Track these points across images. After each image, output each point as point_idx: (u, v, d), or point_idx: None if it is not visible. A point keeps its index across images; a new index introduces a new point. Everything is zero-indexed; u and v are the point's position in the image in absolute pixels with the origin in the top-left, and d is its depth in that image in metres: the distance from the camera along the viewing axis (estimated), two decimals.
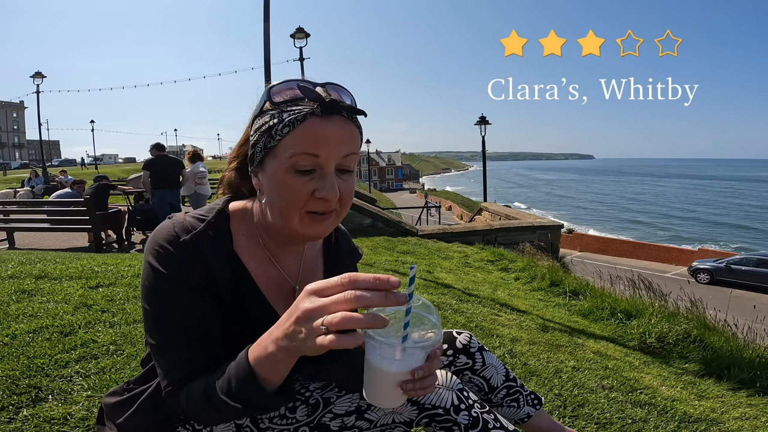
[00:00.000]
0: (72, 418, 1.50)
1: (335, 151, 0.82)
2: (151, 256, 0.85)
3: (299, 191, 0.82)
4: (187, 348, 0.85)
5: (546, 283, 5.39)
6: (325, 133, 0.81)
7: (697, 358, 3.21)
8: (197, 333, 0.86)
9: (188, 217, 0.90)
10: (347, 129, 0.83)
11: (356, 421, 0.95)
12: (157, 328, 0.86)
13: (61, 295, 2.72)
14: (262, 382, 0.74)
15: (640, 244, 30.78)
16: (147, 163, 6.92)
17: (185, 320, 0.85)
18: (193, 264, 0.85)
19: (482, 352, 1.28)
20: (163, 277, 0.84)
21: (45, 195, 14.34)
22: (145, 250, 0.88)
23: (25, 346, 1.95)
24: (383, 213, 9.26)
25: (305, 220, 0.84)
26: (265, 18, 7.79)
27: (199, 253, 0.86)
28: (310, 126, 0.80)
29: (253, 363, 0.74)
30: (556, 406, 2.05)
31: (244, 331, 0.89)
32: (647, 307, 4.24)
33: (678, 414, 2.15)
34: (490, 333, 2.94)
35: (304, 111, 0.81)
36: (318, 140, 0.80)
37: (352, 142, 0.84)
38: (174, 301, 0.85)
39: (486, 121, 17.09)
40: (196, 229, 0.87)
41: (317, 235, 0.87)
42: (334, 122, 0.81)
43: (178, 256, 0.84)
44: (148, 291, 0.85)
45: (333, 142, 0.81)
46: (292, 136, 0.81)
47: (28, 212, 8.57)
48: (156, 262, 0.84)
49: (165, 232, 0.87)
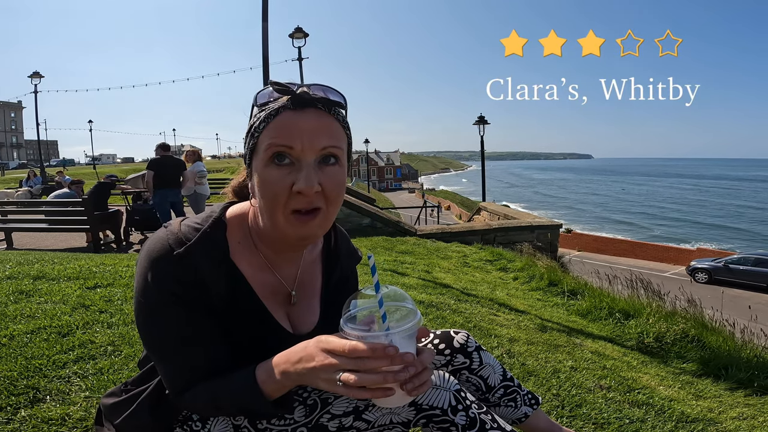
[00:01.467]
0: (70, 418, 1.49)
1: (310, 142, 0.82)
2: (143, 270, 0.86)
3: (277, 185, 0.82)
4: (186, 357, 0.87)
5: (544, 282, 5.39)
6: (298, 124, 0.82)
7: (694, 358, 3.22)
8: (195, 342, 0.87)
9: (183, 226, 0.90)
10: (323, 121, 0.84)
11: (354, 421, 0.95)
12: (153, 341, 0.88)
13: (59, 296, 2.71)
14: (267, 397, 0.82)
15: (638, 244, 30.84)
16: (152, 162, 6.92)
17: (181, 331, 0.86)
18: (185, 278, 0.85)
19: (479, 352, 1.28)
20: (156, 293, 0.85)
21: (43, 195, 14.31)
22: (138, 262, 0.88)
23: (23, 347, 1.95)
24: (382, 213, 9.27)
25: (290, 219, 0.84)
26: (264, 18, 7.78)
27: (191, 267, 0.85)
28: (283, 119, 0.83)
29: (260, 383, 0.82)
30: (553, 406, 2.05)
31: (242, 337, 0.90)
32: (645, 306, 4.25)
33: (675, 414, 2.16)
34: (488, 333, 2.95)
35: (277, 106, 0.84)
36: (291, 131, 0.82)
37: (330, 134, 0.84)
38: (168, 315, 0.85)
39: (485, 121, 17.10)
40: (190, 240, 0.87)
41: (304, 235, 0.86)
42: (307, 114, 0.83)
43: (170, 272, 0.85)
44: (141, 306, 0.86)
45: (307, 133, 0.82)
46: (267, 130, 0.83)
47: (26, 212, 8.56)
48: (148, 277, 0.85)
49: (159, 245, 0.86)
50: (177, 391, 0.88)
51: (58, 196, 8.26)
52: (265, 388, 0.81)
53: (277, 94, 0.85)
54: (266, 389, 0.81)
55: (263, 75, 8.38)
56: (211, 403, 0.86)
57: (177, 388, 0.87)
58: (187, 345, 0.86)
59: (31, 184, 16.12)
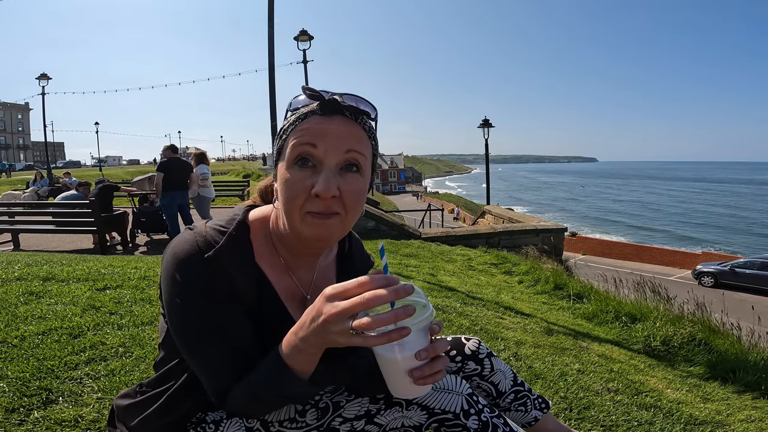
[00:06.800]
0: (83, 420, 1.51)
1: (334, 146, 0.83)
2: (175, 272, 0.85)
3: (298, 185, 0.82)
4: (227, 359, 0.86)
5: (550, 286, 5.38)
6: (323, 128, 0.83)
7: (702, 361, 3.21)
8: (233, 342, 0.87)
9: (209, 230, 0.90)
10: (349, 128, 0.85)
11: (366, 425, 0.96)
12: (194, 343, 0.87)
13: (68, 297, 2.73)
14: (297, 373, 0.80)
15: (643, 248, 30.66)
16: (161, 164, 6.95)
17: (220, 332, 0.86)
18: (218, 280, 0.85)
19: (491, 358, 1.28)
20: (192, 293, 0.84)
21: (49, 197, 14.39)
22: (166, 264, 0.87)
23: (35, 348, 1.97)
24: (386, 216, 9.27)
25: (307, 219, 0.83)
26: (270, 22, 7.83)
27: (223, 269, 0.86)
28: (310, 122, 0.84)
29: (285, 359, 0.79)
30: (561, 409, 2.05)
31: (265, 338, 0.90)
32: (652, 310, 4.24)
33: (683, 416, 2.16)
34: (494, 336, 2.95)
35: (306, 111, 0.86)
36: (316, 134, 0.83)
37: (354, 140, 0.85)
38: (207, 315, 0.85)
39: (489, 124, 17.10)
40: (218, 243, 0.87)
41: (319, 236, 0.85)
42: (334, 120, 0.84)
43: (203, 273, 0.85)
44: (178, 307, 0.86)
45: (331, 137, 0.83)
46: (294, 132, 0.85)
47: (33, 214, 8.62)
48: (181, 278, 0.85)
49: (187, 246, 0.86)
50: (220, 394, 0.87)
51: (66, 198, 8.31)
52: (291, 363, 0.79)
53: (309, 99, 0.87)
54: (293, 364, 0.79)
55: (269, 78, 8.42)
56: (251, 399, 0.85)
57: (220, 389, 0.87)
58: (226, 344, 0.86)
59: (38, 186, 16.21)
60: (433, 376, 0.76)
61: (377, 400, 0.99)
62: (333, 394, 1.00)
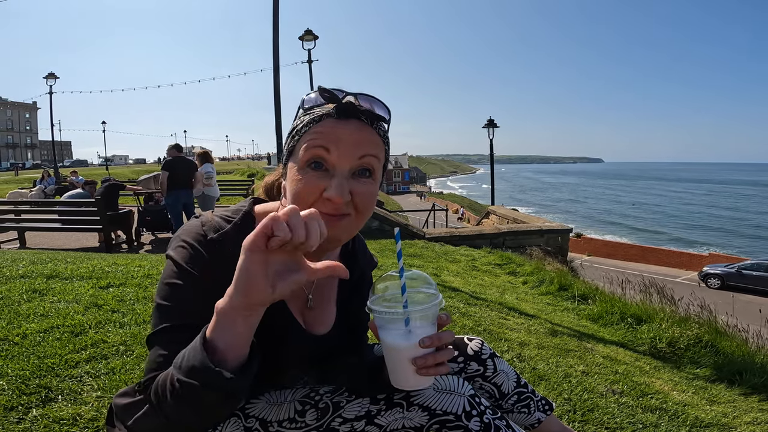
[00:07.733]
0: (81, 418, 1.50)
1: (348, 152, 0.82)
2: (174, 252, 0.85)
3: (309, 187, 0.82)
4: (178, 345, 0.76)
5: (554, 287, 5.34)
6: (339, 132, 0.82)
7: (708, 363, 3.17)
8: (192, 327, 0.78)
9: (216, 218, 0.90)
10: (364, 133, 0.84)
11: (366, 426, 0.94)
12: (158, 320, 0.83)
13: (71, 295, 2.73)
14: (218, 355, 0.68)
15: (649, 249, 30.51)
16: (166, 163, 6.98)
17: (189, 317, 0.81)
18: (216, 263, 0.83)
19: (494, 359, 1.26)
20: (182, 273, 0.83)
21: (56, 195, 14.47)
22: (170, 246, 0.87)
23: (36, 346, 1.97)
24: (391, 216, 9.26)
25: None
26: (275, 21, 7.84)
27: (224, 254, 0.83)
28: (325, 125, 0.83)
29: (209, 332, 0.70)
30: (565, 411, 2.03)
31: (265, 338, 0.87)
32: (658, 312, 4.20)
33: (689, 419, 2.13)
34: (498, 337, 2.93)
35: (321, 112, 0.84)
36: (330, 138, 0.82)
37: (369, 146, 0.84)
38: (185, 297, 0.82)
39: (494, 124, 17.05)
40: (223, 230, 0.87)
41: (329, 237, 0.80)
42: (349, 125, 0.83)
43: (203, 254, 0.84)
44: (162, 285, 0.84)
45: (346, 142, 0.82)
46: (308, 134, 0.84)
47: (40, 212, 8.66)
48: (179, 257, 0.84)
49: (193, 229, 0.87)
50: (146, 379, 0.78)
51: (72, 196, 8.35)
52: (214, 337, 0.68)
53: (323, 100, 0.86)
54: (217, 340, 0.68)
55: (273, 77, 8.43)
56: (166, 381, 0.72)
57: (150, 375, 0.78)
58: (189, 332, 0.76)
59: (44, 185, 16.32)
60: (436, 367, 0.75)
61: (378, 401, 0.97)
62: (333, 394, 0.99)
